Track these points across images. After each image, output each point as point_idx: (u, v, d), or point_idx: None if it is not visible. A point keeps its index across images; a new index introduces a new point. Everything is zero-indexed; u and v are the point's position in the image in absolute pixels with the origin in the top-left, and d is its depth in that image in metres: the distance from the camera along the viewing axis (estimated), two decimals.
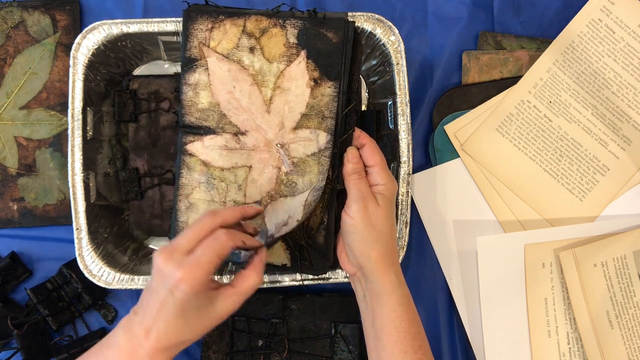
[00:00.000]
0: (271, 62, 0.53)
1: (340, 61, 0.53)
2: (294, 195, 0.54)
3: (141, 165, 0.65)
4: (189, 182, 0.55)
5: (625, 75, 0.66)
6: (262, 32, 0.53)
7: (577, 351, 0.65)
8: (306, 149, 0.54)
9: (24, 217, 0.67)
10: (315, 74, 0.53)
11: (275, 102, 0.53)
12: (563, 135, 0.67)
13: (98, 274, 0.59)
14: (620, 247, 0.64)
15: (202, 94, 0.54)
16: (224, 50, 0.53)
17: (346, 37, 0.53)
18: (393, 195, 0.53)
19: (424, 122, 0.69)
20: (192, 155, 0.55)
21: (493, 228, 0.67)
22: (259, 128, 0.54)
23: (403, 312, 0.51)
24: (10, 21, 0.68)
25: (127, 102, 0.64)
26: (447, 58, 0.69)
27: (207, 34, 0.53)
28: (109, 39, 0.60)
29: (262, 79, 0.53)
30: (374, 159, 0.53)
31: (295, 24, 0.53)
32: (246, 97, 0.53)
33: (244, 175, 0.54)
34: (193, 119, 0.54)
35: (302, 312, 0.65)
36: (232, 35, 0.53)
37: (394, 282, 0.51)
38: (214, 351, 0.63)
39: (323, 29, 0.53)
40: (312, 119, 0.53)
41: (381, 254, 0.51)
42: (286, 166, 0.54)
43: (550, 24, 0.70)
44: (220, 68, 0.53)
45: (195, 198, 0.55)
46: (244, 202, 0.54)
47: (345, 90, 0.53)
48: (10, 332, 0.64)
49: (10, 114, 0.67)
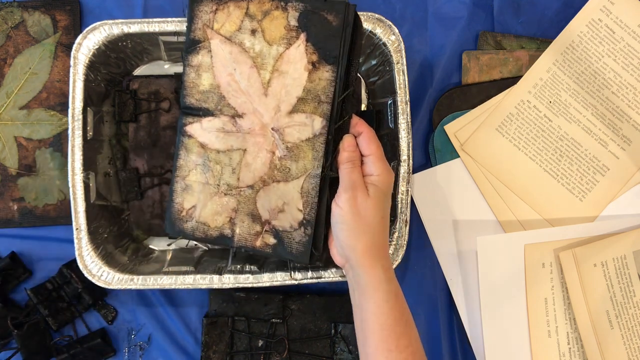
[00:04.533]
0: (271, 44, 0.53)
1: (340, 45, 0.52)
2: (287, 180, 0.54)
3: (141, 165, 0.65)
4: (186, 163, 0.55)
5: (625, 75, 0.66)
6: (264, 14, 0.53)
7: (577, 351, 0.64)
8: (301, 133, 0.53)
9: (24, 217, 0.67)
10: (314, 57, 0.52)
11: (273, 85, 0.53)
12: (563, 135, 0.67)
13: (98, 274, 0.59)
14: (620, 247, 0.64)
15: (204, 76, 0.54)
16: (226, 32, 0.54)
17: (346, 21, 0.52)
18: (387, 187, 0.52)
19: (424, 122, 0.69)
20: (191, 136, 0.55)
21: (493, 228, 0.67)
22: (255, 111, 0.54)
23: (389, 309, 0.48)
24: (10, 21, 0.68)
25: (127, 102, 0.64)
26: (447, 58, 0.69)
27: (212, 15, 0.54)
28: (110, 39, 0.60)
29: (262, 62, 0.53)
30: (370, 148, 0.51)
31: (296, 7, 0.52)
32: (245, 80, 0.53)
33: (239, 158, 0.54)
34: (194, 100, 0.54)
35: (302, 312, 0.65)
36: (235, 18, 0.53)
37: (380, 277, 0.49)
38: (214, 351, 0.63)
39: (324, 12, 0.52)
40: (309, 103, 0.53)
41: (368, 246, 0.50)
42: (280, 151, 0.53)
43: (550, 24, 0.70)
44: (223, 50, 0.54)
45: (192, 180, 0.55)
46: (237, 186, 0.54)
47: (343, 75, 0.52)
48: (10, 332, 0.64)
49: (10, 114, 0.67)
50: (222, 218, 0.55)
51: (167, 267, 0.62)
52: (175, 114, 0.65)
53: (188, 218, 0.56)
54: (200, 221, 0.55)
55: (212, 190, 0.55)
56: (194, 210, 0.55)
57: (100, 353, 0.65)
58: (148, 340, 0.67)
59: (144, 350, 0.67)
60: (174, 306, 0.67)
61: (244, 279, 0.59)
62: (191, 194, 0.55)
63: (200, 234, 0.56)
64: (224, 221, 0.55)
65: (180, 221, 0.56)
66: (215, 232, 0.55)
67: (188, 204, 0.55)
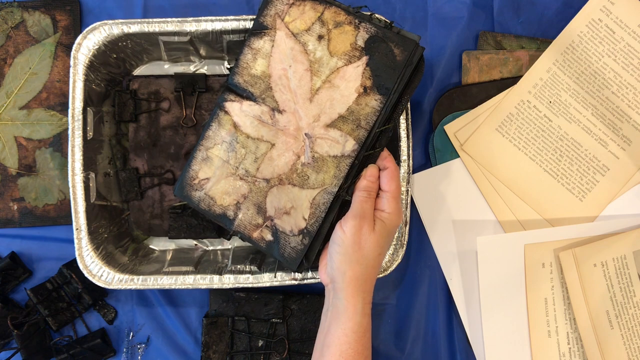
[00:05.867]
0: (332, 55, 0.54)
1: (396, 80, 0.53)
2: (302, 187, 0.55)
3: (141, 165, 0.65)
4: (215, 136, 0.56)
5: (625, 75, 0.66)
6: (336, 24, 0.54)
7: (577, 351, 0.64)
8: (331, 149, 0.54)
9: (24, 217, 0.67)
10: (368, 82, 0.53)
11: (321, 95, 0.54)
12: (563, 135, 0.67)
13: (98, 274, 0.59)
14: (620, 247, 0.64)
15: (259, 62, 0.55)
16: (295, 28, 0.55)
17: (410, 60, 0.53)
18: (394, 227, 0.52)
19: (424, 122, 0.69)
20: (227, 113, 0.56)
21: (493, 228, 0.67)
22: (295, 112, 0.55)
23: (354, 340, 0.49)
24: (10, 21, 0.68)
25: (127, 102, 0.64)
26: (447, 58, 0.69)
27: (286, 7, 0.55)
28: (110, 39, 0.60)
29: (318, 68, 0.54)
30: (391, 186, 0.52)
31: (368, 29, 0.53)
32: (297, 80, 0.54)
33: (265, 150, 0.55)
34: (242, 80, 0.55)
35: (303, 312, 0.65)
36: (307, 18, 0.54)
37: (358, 308, 0.50)
38: (214, 351, 0.63)
39: (392, 44, 0.53)
40: (348, 124, 0.54)
41: (357, 276, 0.50)
42: (306, 157, 0.55)
43: (550, 24, 0.70)
44: (285, 44, 0.55)
45: (214, 153, 0.56)
46: (254, 175, 0.56)
47: (390, 109, 0.53)
48: (10, 332, 0.64)
49: (10, 114, 0.67)
50: (230, 199, 0.56)
51: (167, 267, 0.62)
52: (175, 113, 0.65)
53: (199, 187, 0.57)
54: (209, 194, 0.57)
55: (229, 170, 0.56)
56: (207, 182, 0.57)
57: (100, 353, 0.65)
58: (148, 340, 0.67)
59: (143, 350, 0.67)
60: (174, 306, 0.67)
61: (244, 279, 0.59)
62: (209, 166, 0.57)
63: (205, 206, 0.57)
64: (231, 202, 0.56)
65: (190, 187, 0.57)
66: (219, 210, 0.57)
67: (203, 174, 0.57)
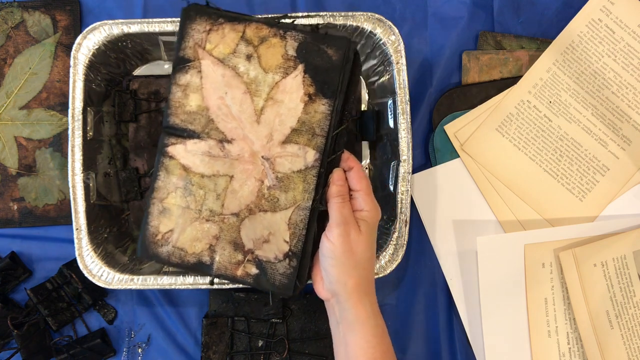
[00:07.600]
0: (267, 72, 0.52)
1: (338, 80, 0.52)
2: (274, 211, 0.53)
3: (141, 165, 0.65)
4: (166, 185, 0.53)
5: (625, 75, 0.66)
6: (261, 40, 0.52)
7: (577, 351, 0.65)
8: (293, 164, 0.52)
9: (24, 217, 0.67)
10: (310, 89, 0.52)
11: (266, 113, 0.52)
12: (563, 135, 0.67)
13: (98, 274, 0.59)
14: (620, 247, 0.64)
15: (192, 97, 0.52)
16: (219, 54, 0.52)
17: (347, 57, 0.52)
18: (375, 223, 0.52)
19: (423, 122, 0.69)
20: (173, 157, 0.53)
21: (493, 228, 0.67)
22: (245, 138, 0.52)
23: (377, 343, 0.49)
24: (10, 21, 0.68)
25: (127, 102, 0.64)
26: (447, 58, 0.69)
27: (204, 35, 0.52)
28: (110, 39, 0.60)
29: (256, 88, 0.52)
30: (360, 184, 0.52)
31: (295, 37, 0.52)
32: (237, 105, 0.52)
33: (225, 184, 0.53)
34: (178, 120, 0.53)
35: (302, 312, 0.65)
36: (229, 40, 0.52)
37: (368, 312, 0.50)
38: (214, 351, 0.63)
39: (324, 45, 0.52)
40: (302, 135, 0.52)
41: (358, 282, 0.50)
42: (270, 180, 0.52)
43: (550, 24, 0.70)
44: (214, 72, 0.52)
45: (170, 203, 0.53)
46: (221, 213, 0.53)
47: (340, 110, 0.52)
48: (10, 332, 0.64)
49: (10, 114, 0.67)
50: (201, 244, 0.54)
51: (167, 267, 0.62)
52: None
53: (164, 242, 0.54)
54: (177, 246, 0.54)
55: (192, 215, 0.53)
56: (171, 235, 0.54)
57: (100, 353, 0.65)
58: (148, 340, 0.67)
59: (143, 350, 0.67)
60: (174, 306, 0.67)
61: None
62: (169, 218, 0.54)
63: (176, 259, 0.54)
64: (204, 248, 0.54)
65: (154, 245, 0.54)
66: (193, 259, 0.54)
67: (164, 227, 0.54)
